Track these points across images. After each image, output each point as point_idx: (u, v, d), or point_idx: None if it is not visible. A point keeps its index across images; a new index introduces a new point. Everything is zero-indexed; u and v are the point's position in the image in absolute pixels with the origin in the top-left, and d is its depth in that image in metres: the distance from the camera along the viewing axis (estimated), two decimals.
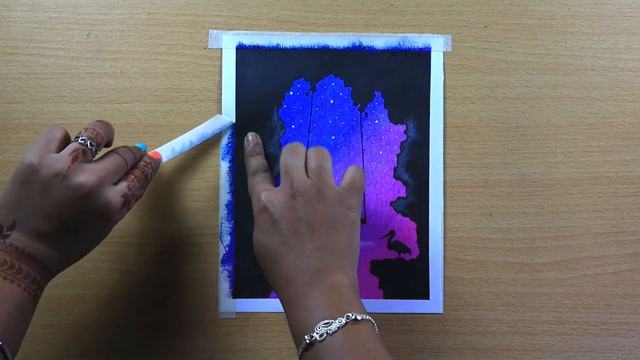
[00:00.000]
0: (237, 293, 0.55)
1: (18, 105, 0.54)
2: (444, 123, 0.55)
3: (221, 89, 0.55)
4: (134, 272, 0.54)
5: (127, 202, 0.46)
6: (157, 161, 0.50)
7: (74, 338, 0.54)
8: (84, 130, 0.46)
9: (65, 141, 0.46)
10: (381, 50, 0.55)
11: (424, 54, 0.55)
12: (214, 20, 0.55)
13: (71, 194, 0.43)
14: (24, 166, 0.43)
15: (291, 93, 0.55)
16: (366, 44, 0.55)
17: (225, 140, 0.55)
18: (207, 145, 0.55)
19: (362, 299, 0.54)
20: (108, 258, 0.54)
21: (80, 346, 0.54)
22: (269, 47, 0.55)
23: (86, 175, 0.43)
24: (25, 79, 0.54)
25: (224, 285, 0.55)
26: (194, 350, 0.54)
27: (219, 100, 0.55)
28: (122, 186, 0.46)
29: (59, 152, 0.45)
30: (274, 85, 0.55)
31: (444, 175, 0.55)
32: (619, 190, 0.55)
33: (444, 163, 0.55)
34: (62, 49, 0.54)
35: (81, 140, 0.45)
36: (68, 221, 0.43)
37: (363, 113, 0.55)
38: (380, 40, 0.55)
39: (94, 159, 0.46)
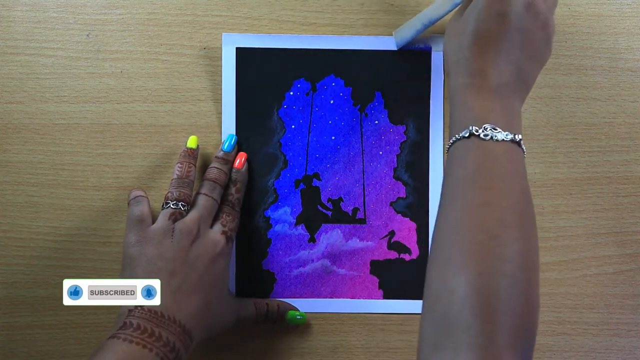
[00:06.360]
0: (239, 292, 0.55)
1: (18, 105, 0.54)
2: (444, 123, 0.55)
3: (221, 89, 0.55)
4: None
5: (229, 237, 0.51)
6: (243, 172, 0.53)
7: (74, 338, 0.54)
8: (169, 193, 0.50)
9: (151, 212, 0.50)
10: (381, 50, 0.55)
11: (424, 54, 0.55)
12: (214, 20, 0.55)
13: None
14: (132, 250, 0.48)
15: (291, 93, 0.55)
16: (366, 44, 0.55)
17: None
18: (207, 145, 0.55)
19: (362, 299, 0.55)
20: (109, 258, 0.54)
21: (80, 346, 0.54)
22: (269, 47, 0.55)
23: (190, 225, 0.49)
24: (25, 79, 0.54)
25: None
26: (194, 349, 0.54)
27: (219, 100, 0.55)
28: (218, 227, 0.51)
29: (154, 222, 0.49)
30: (274, 85, 0.55)
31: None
32: (619, 190, 0.55)
33: (444, 163, 0.55)
34: (62, 49, 0.54)
35: (173, 205, 0.50)
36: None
37: (363, 113, 0.55)
38: (380, 41, 0.55)
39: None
